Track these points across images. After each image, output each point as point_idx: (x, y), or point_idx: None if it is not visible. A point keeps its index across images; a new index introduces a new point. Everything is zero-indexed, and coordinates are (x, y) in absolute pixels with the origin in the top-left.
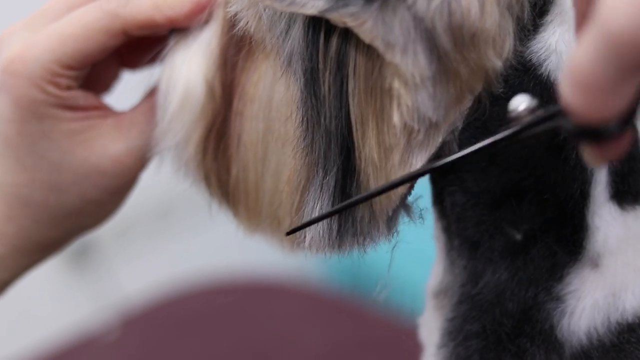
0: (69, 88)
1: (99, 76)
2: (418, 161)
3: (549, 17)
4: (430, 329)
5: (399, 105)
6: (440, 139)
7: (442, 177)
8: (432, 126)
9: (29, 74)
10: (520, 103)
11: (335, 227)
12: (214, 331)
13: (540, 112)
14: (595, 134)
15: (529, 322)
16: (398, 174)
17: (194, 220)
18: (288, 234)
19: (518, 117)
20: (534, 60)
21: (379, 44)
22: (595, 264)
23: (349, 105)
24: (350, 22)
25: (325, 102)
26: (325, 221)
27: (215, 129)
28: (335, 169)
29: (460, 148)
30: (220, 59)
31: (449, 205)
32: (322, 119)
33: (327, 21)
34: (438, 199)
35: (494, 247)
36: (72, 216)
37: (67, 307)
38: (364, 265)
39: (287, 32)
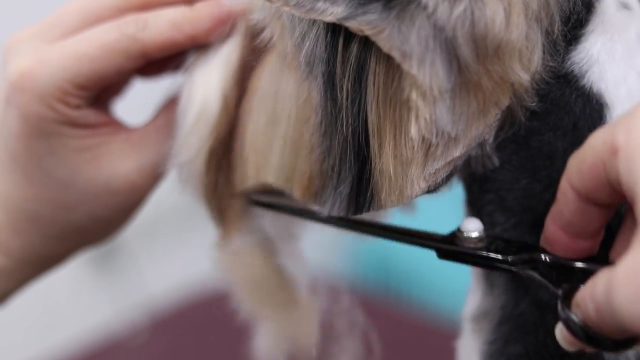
0: (78, 107)
1: None
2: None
3: (589, 27)
4: (469, 352)
5: (417, 117)
6: (457, 153)
7: (480, 197)
8: (451, 140)
9: (39, 91)
10: (471, 228)
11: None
12: (243, 332)
13: (483, 242)
14: (593, 339)
15: None
16: (414, 188)
17: None
18: (252, 203)
19: (465, 239)
20: (576, 71)
21: (395, 54)
22: None
23: (367, 113)
24: (368, 31)
25: (343, 107)
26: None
27: (224, 139)
28: (350, 178)
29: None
30: (238, 70)
31: (488, 226)
32: (340, 126)
33: (347, 27)
34: None
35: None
36: (79, 233)
37: (93, 308)
38: (392, 264)
39: (306, 36)
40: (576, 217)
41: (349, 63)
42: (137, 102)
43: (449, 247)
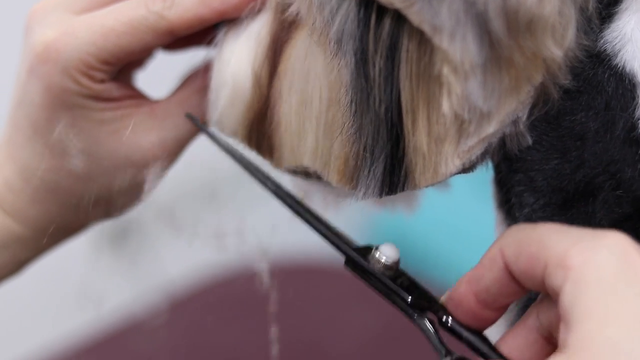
0: (102, 81)
1: None
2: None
3: (623, 5)
4: (493, 336)
5: (449, 93)
6: (491, 130)
7: (509, 177)
8: (484, 116)
9: (63, 64)
10: (384, 254)
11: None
12: (263, 314)
13: (391, 271)
14: None
15: None
16: (448, 166)
17: (240, 200)
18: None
19: (373, 261)
20: (609, 50)
21: (426, 27)
22: None
23: (399, 90)
24: (398, 4)
25: (375, 85)
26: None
27: (258, 117)
28: (383, 156)
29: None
30: (269, 47)
31: (516, 206)
32: (372, 103)
33: (378, 2)
34: (504, 200)
35: None
36: (97, 205)
37: (112, 290)
38: (409, 245)
39: (337, 12)
40: (495, 286)
41: (381, 39)
42: (159, 74)
43: (360, 260)
